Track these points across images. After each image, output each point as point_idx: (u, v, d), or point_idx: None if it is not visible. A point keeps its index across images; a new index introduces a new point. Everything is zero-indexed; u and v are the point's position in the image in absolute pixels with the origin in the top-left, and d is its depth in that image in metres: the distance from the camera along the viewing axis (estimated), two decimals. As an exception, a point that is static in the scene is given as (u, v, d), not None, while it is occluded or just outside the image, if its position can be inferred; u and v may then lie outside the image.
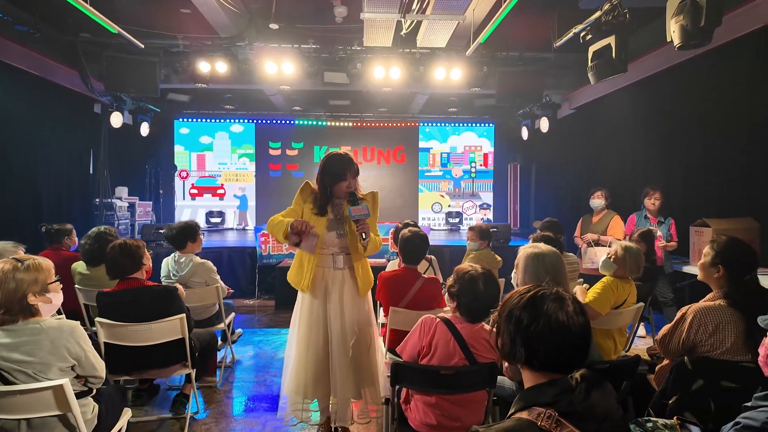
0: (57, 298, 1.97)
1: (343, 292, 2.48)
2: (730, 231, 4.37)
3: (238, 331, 4.66)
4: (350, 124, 10.19)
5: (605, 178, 6.86)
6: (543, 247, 2.23)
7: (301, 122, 10.16)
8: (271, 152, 10.21)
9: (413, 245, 2.92)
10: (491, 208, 10.56)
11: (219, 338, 3.77)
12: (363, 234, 2.38)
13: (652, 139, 6.01)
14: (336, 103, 9.53)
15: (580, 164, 7.83)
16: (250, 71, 6.67)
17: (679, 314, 2.15)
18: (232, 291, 3.70)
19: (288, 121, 10.17)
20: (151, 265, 2.73)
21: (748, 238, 4.30)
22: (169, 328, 2.56)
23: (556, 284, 2.11)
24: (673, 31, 3.27)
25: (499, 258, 3.97)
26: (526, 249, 2.21)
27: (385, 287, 2.87)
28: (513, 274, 2.26)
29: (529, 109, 8.25)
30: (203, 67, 6.56)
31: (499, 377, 2.10)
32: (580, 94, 7.37)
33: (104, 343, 2.53)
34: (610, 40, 4.16)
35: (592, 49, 4.44)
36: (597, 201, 5.05)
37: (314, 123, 10.17)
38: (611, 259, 2.84)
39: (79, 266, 3.44)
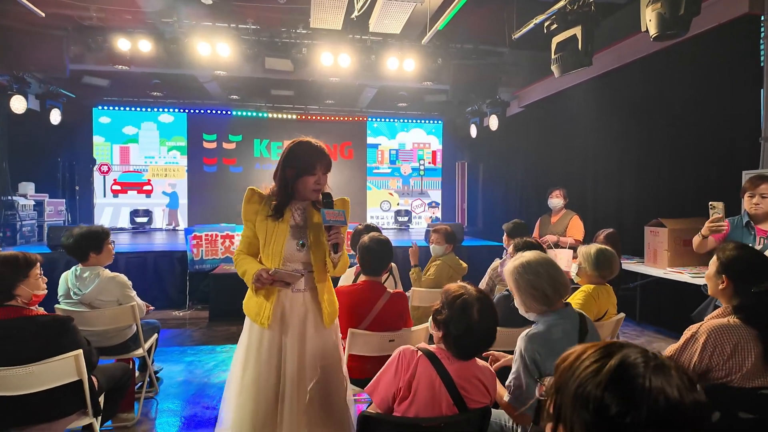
0: None
1: (306, 321, 1.94)
2: (685, 231, 4.31)
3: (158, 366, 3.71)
4: (294, 116, 9.56)
5: (556, 176, 6.79)
6: (528, 255, 1.91)
7: (239, 113, 9.42)
8: (206, 145, 9.39)
9: (375, 254, 2.48)
10: (440, 206, 10.36)
11: (137, 366, 3.14)
12: (336, 245, 1.87)
13: (603, 137, 5.96)
14: (278, 93, 8.86)
15: (529, 163, 7.76)
16: (180, 53, 5.90)
17: (687, 333, 1.86)
18: (152, 308, 3.06)
19: (225, 112, 9.38)
20: (42, 292, 2.09)
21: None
22: (60, 370, 1.95)
23: (560, 297, 1.81)
24: (649, 19, 3.06)
25: (464, 264, 3.60)
26: (514, 263, 1.88)
27: (343, 305, 2.40)
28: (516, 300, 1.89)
29: (478, 107, 8.08)
30: (122, 45, 5.71)
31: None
32: (529, 93, 7.27)
33: (-35, 393, 1.88)
34: (576, 30, 3.94)
35: (555, 40, 4.21)
36: (556, 200, 4.85)
37: (254, 114, 9.46)
38: (579, 265, 2.73)
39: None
